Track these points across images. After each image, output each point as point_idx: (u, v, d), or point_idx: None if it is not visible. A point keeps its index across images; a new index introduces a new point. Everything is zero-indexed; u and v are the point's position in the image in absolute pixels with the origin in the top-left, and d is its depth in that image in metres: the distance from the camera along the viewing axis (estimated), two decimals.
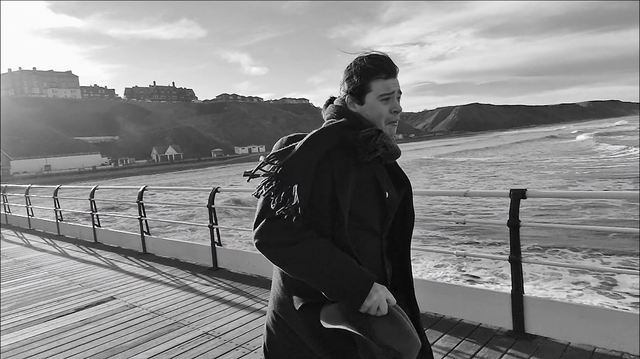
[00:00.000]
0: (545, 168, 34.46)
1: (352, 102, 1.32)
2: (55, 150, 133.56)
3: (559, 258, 10.25)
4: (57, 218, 9.21)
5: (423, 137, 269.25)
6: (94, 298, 4.86)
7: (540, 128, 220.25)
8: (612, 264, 9.25)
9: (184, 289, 4.96)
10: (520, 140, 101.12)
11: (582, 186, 23.70)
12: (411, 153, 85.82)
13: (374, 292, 1.16)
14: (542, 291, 7.59)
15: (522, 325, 3.21)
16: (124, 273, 5.84)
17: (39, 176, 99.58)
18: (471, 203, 18.83)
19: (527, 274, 8.23)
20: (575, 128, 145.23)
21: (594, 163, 35.03)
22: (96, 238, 8.01)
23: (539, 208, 16.27)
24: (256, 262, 5.23)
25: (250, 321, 3.88)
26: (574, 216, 14.96)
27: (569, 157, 43.22)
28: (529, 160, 44.29)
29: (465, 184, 29.58)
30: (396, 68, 1.32)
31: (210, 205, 5.53)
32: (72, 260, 6.91)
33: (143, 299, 4.69)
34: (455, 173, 38.64)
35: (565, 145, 66.32)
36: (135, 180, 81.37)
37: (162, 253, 6.56)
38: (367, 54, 1.31)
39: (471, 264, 9.41)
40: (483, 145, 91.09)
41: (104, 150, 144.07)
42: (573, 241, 11.29)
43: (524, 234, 11.04)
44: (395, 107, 1.31)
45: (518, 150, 64.41)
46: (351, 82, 1.31)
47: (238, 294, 4.65)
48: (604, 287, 7.54)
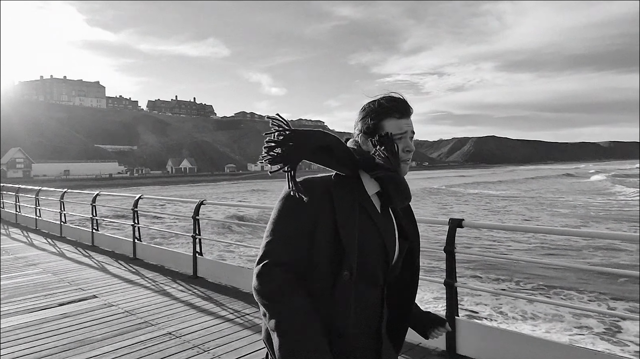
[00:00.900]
0: (559, 206, 34.13)
1: (365, 141, 1.33)
2: (76, 156, 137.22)
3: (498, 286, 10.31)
4: (61, 221, 9.72)
5: (437, 166, 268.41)
6: (78, 296, 5.23)
7: (557, 166, 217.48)
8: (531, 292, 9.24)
9: (161, 293, 5.31)
10: (536, 176, 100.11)
11: (596, 226, 23.39)
12: (423, 181, 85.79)
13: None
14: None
15: (454, 346, 3.46)
16: (111, 275, 6.22)
17: (57, 180, 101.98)
18: (465, 233, 18.87)
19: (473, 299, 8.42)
20: (594, 167, 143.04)
21: (610, 205, 34.70)
22: (93, 241, 8.45)
23: (549, 246, 16.15)
24: (231, 274, 5.56)
25: (213, 326, 4.19)
26: (584, 257, 14.78)
27: (585, 197, 42.74)
28: (543, 197, 43.92)
29: (475, 217, 29.60)
30: (410, 109, 1.33)
31: (195, 216, 5.91)
32: (67, 260, 7.34)
33: (121, 300, 5.05)
34: (465, 204, 38.43)
35: (580, 184, 65.50)
36: (148, 190, 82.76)
37: (149, 259, 6.95)
38: (381, 96, 1.34)
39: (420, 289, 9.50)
40: (497, 179, 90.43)
41: (122, 159, 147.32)
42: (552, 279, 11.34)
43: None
44: (408, 147, 1.32)
45: (532, 186, 63.70)
46: (365, 122, 1.32)
47: (209, 301, 4.97)
48: (530, 315, 7.66)
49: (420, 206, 37.71)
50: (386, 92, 1.35)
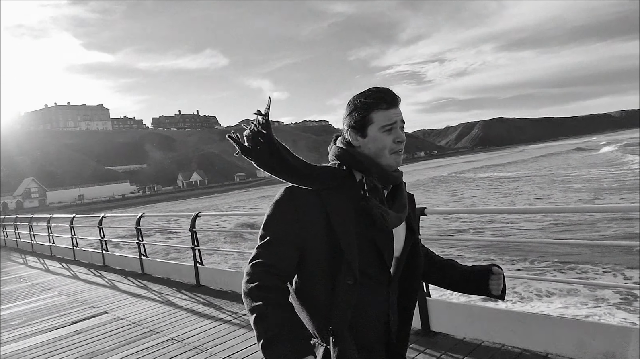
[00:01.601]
0: (572, 182, 33.78)
1: (354, 136, 1.31)
2: (88, 180, 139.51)
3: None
4: (73, 245, 10.18)
5: (446, 154, 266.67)
6: (90, 313, 5.62)
7: (568, 141, 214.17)
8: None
9: (166, 303, 5.67)
10: (546, 153, 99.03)
11: (610, 198, 23.16)
12: (432, 170, 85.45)
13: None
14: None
15: (428, 324, 3.74)
16: (120, 291, 6.61)
17: (72, 205, 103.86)
18: (491, 218, 18.82)
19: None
20: (605, 139, 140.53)
21: (624, 175, 34.19)
22: (104, 261, 8.88)
23: (562, 223, 15.92)
24: (230, 279, 5.90)
25: (211, 329, 4.52)
26: (597, 230, 14.55)
27: (597, 169, 42.08)
28: (554, 174, 43.41)
29: (486, 201, 29.28)
30: (397, 98, 1.30)
31: (192, 229, 6.26)
32: (80, 281, 7.76)
33: (130, 313, 5.42)
34: (476, 189, 38.13)
35: (591, 157, 64.58)
36: (162, 206, 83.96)
37: (156, 273, 7.33)
38: (367, 89, 1.32)
39: None
40: (506, 160, 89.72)
41: (133, 178, 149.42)
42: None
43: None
44: (399, 137, 1.29)
45: (543, 164, 62.85)
46: (352, 116, 1.30)
47: (210, 306, 5.32)
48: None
49: (431, 195, 37.72)
50: (371, 87, 1.33)
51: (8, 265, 10.80)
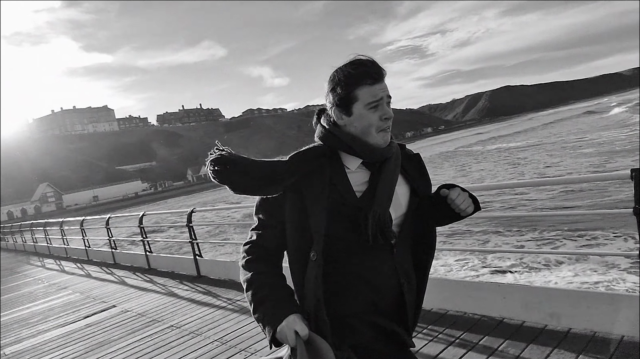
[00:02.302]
0: (583, 147, 32.94)
1: (339, 114, 1.26)
2: (101, 181, 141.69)
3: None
4: (85, 246, 10.70)
5: (453, 128, 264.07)
6: (100, 308, 6.08)
7: (578, 104, 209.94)
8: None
9: (168, 295, 6.10)
10: (555, 119, 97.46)
11: (622, 161, 22.51)
12: (438, 146, 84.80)
13: (283, 326, 1.17)
14: None
15: None
16: (128, 286, 7.07)
17: (88, 207, 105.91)
18: (499, 191, 18.43)
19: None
20: (617, 100, 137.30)
21: (636, 136, 32.29)
22: (114, 259, 9.38)
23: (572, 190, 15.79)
24: (227, 268, 6.30)
25: (207, 315, 4.92)
26: (609, 195, 14.16)
27: (608, 132, 41.16)
28: (564, 140, 42.38)
29: (494, 173, 28.83)
30: (383, 71, 1.24)
31: (189, 224, 6.64)
32: (92, 279, 8.26)
33: (136, 305, 5.86)
34: (485, 162, 37.65)
35: (602, 119, 63.38)
36: (174, 201, 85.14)
37: (161, 267, 7.77)
38: (349, 61, 1.24)
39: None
40: (515, 130, 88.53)
41: (143, 176, 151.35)
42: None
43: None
44: (386, 114, 1.23)
45: (553, 131, 61.74)
46: (336, 93, 1.24)
47: (207, 295, 5.72)
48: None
49: (438, 172, 37.61)
50: (353, 55, 1.25)
51: (27, 268, 11.41)
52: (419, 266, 1.39)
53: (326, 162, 1.27)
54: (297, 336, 1.17)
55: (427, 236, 1.39)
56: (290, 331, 1.16)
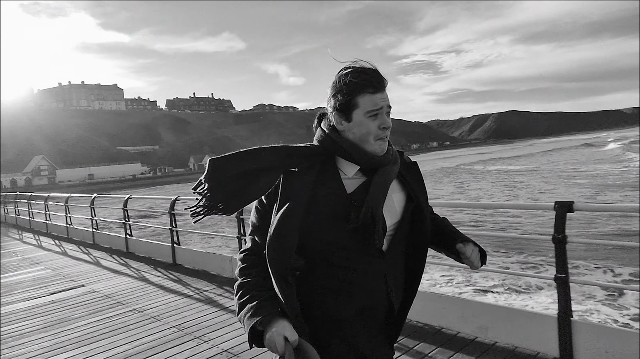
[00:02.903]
0: (577, 177, 33.79)
1: (339, 119, 1.26)
2: (99, 160, 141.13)
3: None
4: (67, 224, 10.63)
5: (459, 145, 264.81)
6: (68, 286, 6.02)
7: (579, 136, 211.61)
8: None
9: (139, 279, 6.04)
10: (555, 148, 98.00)
11: (612, 195, 23.19)
12: (441, 161, 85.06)
13: (267, 330, 1.14)
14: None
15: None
16: (102, 268, 7.01)
17: (82, 184, 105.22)
18: (493, 212, 18.45)
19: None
20: (615, 135, 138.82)
21: (629, 173, 33.97)
22: (94, 239, 9.31)
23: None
24: (202, 259, 6.25)
25: (172, 302, 4.86)
26: (596, 226, 14.43)
27: (604, 166, 42.07)
28: (561, 169, 43.33)
29: (491, 193, 29.23)
30: (384, 81, 1.25)
31: (171, 211, 6.59)
32: (68, 257, 8.19)
33: (104, 286, 5.80)
34: (484, 181, 38.22)
35: (598, 153, 64.30)
36: (172, 187, 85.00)
37: (139, 251, 7.71)
38: (353, 67, 1.25)
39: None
40: (516, 154, 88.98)
41: (144, 159, 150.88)
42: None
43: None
44: (384, 123, 1.24)
45: (552, 158, 62.67)
46: (337, 98, 1.25)
47: (178, 283, 5.67)
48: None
49: (438, 186, 37.82)
50: (355, 61, 1.27)
51: (4, 241, 11.26)
52: (409, 275, 1.37)
53: (317, 164, 1.26)
54: (287, 343, 1.13)
55: (421, 247, 1.37)
56: (280, 337, 1.13)
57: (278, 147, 1.26)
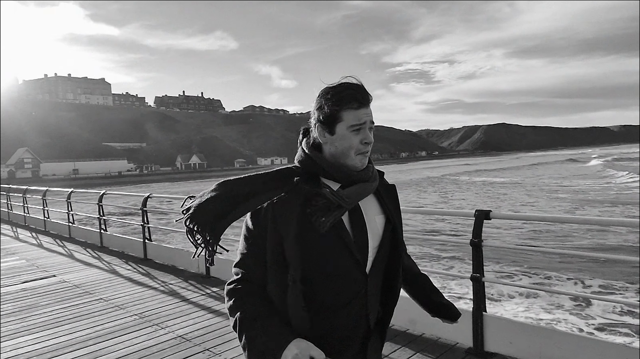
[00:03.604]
0: (560, 191, 34.62)
1: (322, 132, 1.29)
2: (85, 155, 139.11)
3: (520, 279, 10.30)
4: (45, 217, 10.79)
5: (447, 155, 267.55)
6: (40, 276, 6.26)
7: (565, 151, 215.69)
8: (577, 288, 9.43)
9: (110, 271, 6.31)
10: (540, 162, 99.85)
11: (591, 210, 24.00)
12: (428, 170, 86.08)
13: (288, 353, 1.13)
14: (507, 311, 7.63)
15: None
16: (75, 260, 7.24)
17: (66, 179, 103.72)
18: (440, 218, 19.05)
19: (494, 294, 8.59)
20: (600, 152, 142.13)
21: (610, 189, 35.04)
22: (70, 233, 9.51)
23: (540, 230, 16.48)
24: (171, 254, 6.54)
25: (137, 293, 5.16)
26: (571, 240, 15.03)
27: (585, 181, 43.18)
28: (544, 183, 44.36)
29: (474, 204, 29.63)
30: (369, 97, 1.28)
31: (143, 208, 6.87)
32: (43, 249, 8.39)
33: (75, 277, 6.05)
34: (468, 192, 38.89)
35: (581, 169, 65.87)
36: (158, 186, 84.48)
37: (113, 246, 7.97)
38: (338, 83, 1.29)
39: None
40: (501, 166, 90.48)
41: (130, 156, 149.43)
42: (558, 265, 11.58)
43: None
44: (366, 138, 1.27)
45: (537, 172, 63.87)
46: (322, 111, 1.28)
47: (146, 276, 5.95)
48: (574, 309, 7.76)
49: (422, 195, 38.38)
50: (343, 77, 1.31)
51: None
52: (386, 295, 1.41)
53: (301, 183, 1.27)
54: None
55: (397, 268, 1.41)
56: (306, 358, 1.14)
57: (260, 174, 1.28)
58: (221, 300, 4.74)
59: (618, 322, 7.16)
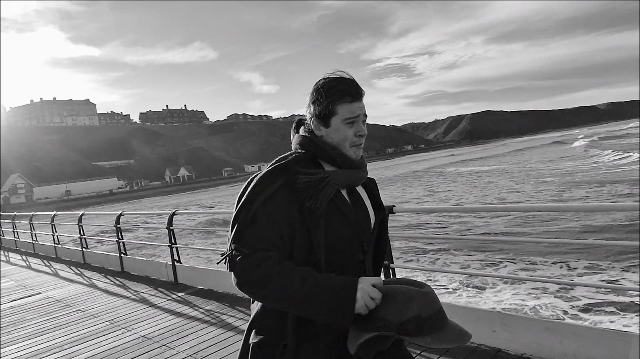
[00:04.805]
0: (546, 175, 34.37)
1: (317, 125, 1.34)
2: (75, 176, 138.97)
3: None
4: (33, 240, 11.38)
5: (433, 147, 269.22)
6: (27, 294, 6.88)
7: (552, 134, 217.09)
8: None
9: (90, 286, 6.93)
10: (524, 147, 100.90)
11: (577, 192, 23.51)
12: (413, 164, 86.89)
13: (360, 293, 1.17)
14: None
15: None
16: (60, 278, 7.86)
17: (59, 201, 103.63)
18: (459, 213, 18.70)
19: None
20: (586, 132, 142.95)
21: (599, 168, 34.57)
22: (57, 253, 10.13)
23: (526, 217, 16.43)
24: (146, 267, 7.20)
25: (111, 303, 5.79)
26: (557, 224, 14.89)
27: (573, 163, 42.96)
28: (531, 168, 43.99)
29: (460, 195, 29.61)
30: (361, 91, 1.33)
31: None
32: (31, 270, 9.00)
33: (58, 293, 6.67)
34: (454, 184, 38.57)
35: (568, 150, 66.16)
36: (149, 201, 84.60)
37: (94, 262, 8.61)
38: (332, 77, 1.33)
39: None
40: (488, 154, 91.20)
41: (120, 174, 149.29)
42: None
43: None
44: (361, 131, 1.33)
45: (524, 158, 63.49)
46: (317, 105, 1.32)
47: (122, 287, 6.58)
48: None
49: (408, 190, 38.73)
50: (333, 71, 1.35)
51: None
52: (375, 273, 1.48)
53: (312, 167, 1.32)
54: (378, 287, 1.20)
55: (381, 255, 1.48)
56: (367, 291, 1.18)
57: (270, 170, 1.31)
58: (184, 303, 5.40)
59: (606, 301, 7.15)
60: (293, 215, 1.25)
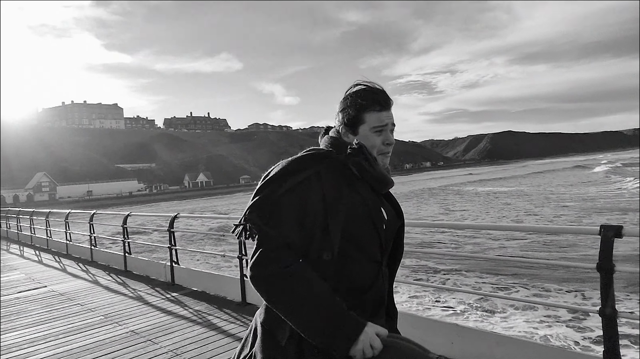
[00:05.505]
0: (567, 200, 33.98)
1: (346, 133, 1.36)
2: (98, 177, 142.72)
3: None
4: (47, 236, 11.88)
5: (453, 165, 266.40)
6: (33, 286, 7.23)
7: (575, 157, 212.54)
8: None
9: (93, 282, 7.24)
10: (546, 169, 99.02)
11: (598, 219, 22.97)
12: (430, 181, 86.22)
13: (363, 336, 1.14)
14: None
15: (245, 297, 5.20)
16: (67, 273, 8.21)
17: (81, 201, 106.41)
18: (474, 233, 18.61)
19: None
20: (611, 157, 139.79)
21: (622, 195, 34.21)
22: (68, 250, 10.54)
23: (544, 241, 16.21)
24: (146, 265, 7.48)
25: (109, 298, 6.06)
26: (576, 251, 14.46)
27: (595, 188, 42.46)
28: (551, 191, 43.68)
29: (477, 214, 29.60)
30: (390, 101, 1.35)
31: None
32: (41, 265, 9.40)
33: (63, 288, 6.99)
34: (471, 203, 38.43)
35: (589, 175, 64.78)
36: (166, 204, 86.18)
37: (101, 260, 8.94)
38: (363, 87, 1.35)
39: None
40: (507, 174, 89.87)
41: (141, 177, 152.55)
42: None
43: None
44: (388, 139, 1.34)
45: (544, 180, 62.99)
46: (346, 113, 1.34)
47: (123, 285, 6.86)
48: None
49: (423, 207, 38.48)
50: (364, 80, 1.37)
51: None
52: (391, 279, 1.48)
53: (339, 164, 1.32)
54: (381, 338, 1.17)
55: (397, 261, 1.48)
56: (369, 339, 1.15)
57: (307, 156, 1.34)
58: (176, 303, 5.63)
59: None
60: (316, 204, 1.25)
